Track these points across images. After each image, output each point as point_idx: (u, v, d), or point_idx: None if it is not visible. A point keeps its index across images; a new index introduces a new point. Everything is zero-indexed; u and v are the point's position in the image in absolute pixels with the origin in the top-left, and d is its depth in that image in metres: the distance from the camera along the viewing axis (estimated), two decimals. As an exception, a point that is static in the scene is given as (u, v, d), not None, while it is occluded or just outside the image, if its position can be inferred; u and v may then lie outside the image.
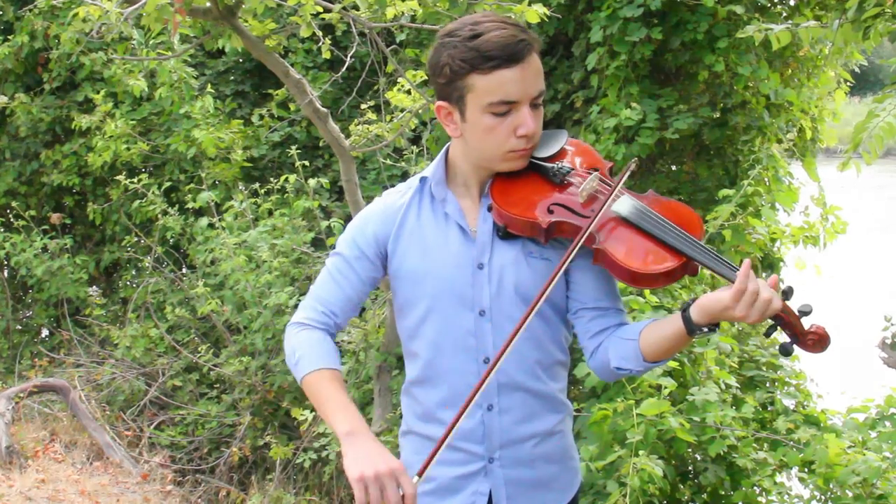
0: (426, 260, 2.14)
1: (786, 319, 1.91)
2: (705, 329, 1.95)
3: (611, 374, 2.13)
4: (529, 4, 4.18)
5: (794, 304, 1.93)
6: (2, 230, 7.54)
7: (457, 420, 1.95)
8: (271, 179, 6.83)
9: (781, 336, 1.98)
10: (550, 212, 2.06)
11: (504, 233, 2.11)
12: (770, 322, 1.95)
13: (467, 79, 1.99)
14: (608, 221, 2.04)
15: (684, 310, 1.96)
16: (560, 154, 2.16)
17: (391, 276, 2.20)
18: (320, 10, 4.51)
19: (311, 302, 2.20)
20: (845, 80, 6.56)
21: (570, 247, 2.01)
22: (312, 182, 6.30)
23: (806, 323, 1.93)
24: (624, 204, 2.05)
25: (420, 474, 1.92)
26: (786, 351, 1.94)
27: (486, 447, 2.17)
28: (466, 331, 2.12)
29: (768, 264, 5.28)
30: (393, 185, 2.28)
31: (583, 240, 2.01)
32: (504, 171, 2.12)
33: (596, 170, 2.14)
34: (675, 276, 2.01)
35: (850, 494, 3.39)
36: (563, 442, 2.26)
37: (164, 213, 6.88)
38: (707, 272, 4.14)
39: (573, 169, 2.13)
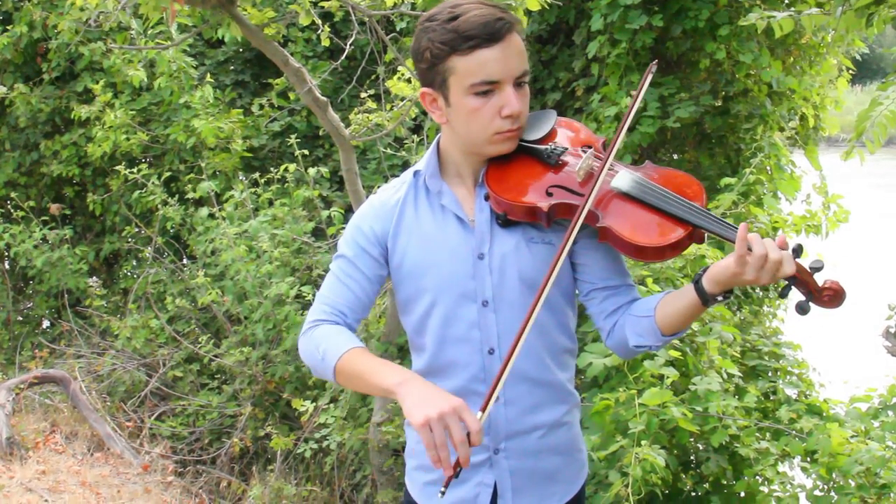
0: (426, 254, 2.12)
1: (799, 278, 1.88)
2: (720, 298, 1.94)
3: (630, 352, 2.12)
4: (530, -8, 4.16)
5: (805, 262, 1.90)
6: (1, 221, 7.53)
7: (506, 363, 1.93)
8: (271, 169, 6.82)
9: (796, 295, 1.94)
10: (549, 194, 2.04)
11: (504, 220, 2.08)
12: (784, 282, 1.92)
13: (448, 61, 1.98)
14: (610, 198, 2.02)
15: (696, 281, 1.94)
16: (551, 135, 2.14)
17: (393, 273, 2.19)
18: (319, -3, 4.49)
19: (319, 305, 2.16)
20: (847, 68, 6.53)
21: (570, 225, 1.99)
22: (312, 171, 6.28)
23: (819, 279, 1.90)
24: (623, 178, 2.03)
25: (483, 409, 1.89)
26: (802, 309, 1.90)
27: (492, 438, 2.15)
28: (470, 323, 2.11)
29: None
30: (394, 175, 2.27)
31: (581, 219, 1.99)
32: (496, 158, 2.09)
33: (589, 147, 2.11)
34: (682, 247, 1.99)
35: (853, 484, 3.38)
36: (570, 433, 2.24)
37: (165, 203, 6.87)
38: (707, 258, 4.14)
39: (567, 149, 2.10)
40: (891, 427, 3.61)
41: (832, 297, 1.89)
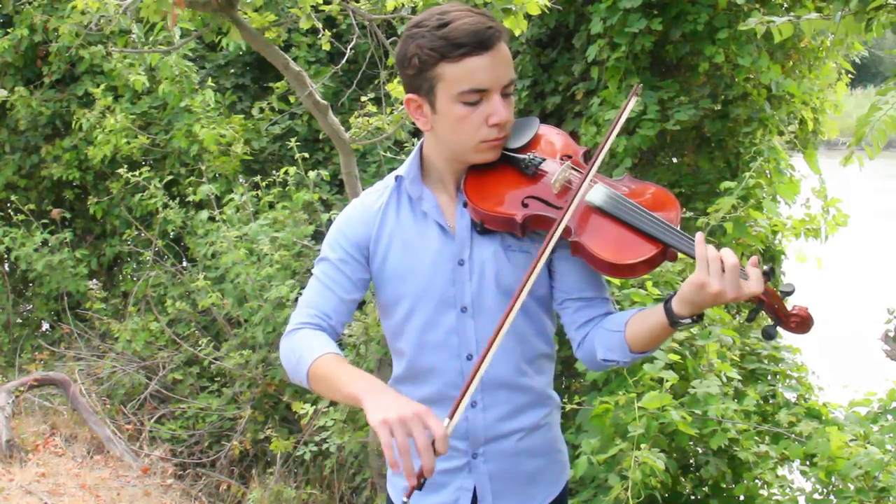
0: (407, 259, 2.12)
1: (767, 302, 1.87)
2: (687, 320, 1.91)
3: (598, 365, 2.11)
4: (530, -4, 4.16)
5: (776, 285, 1.90)
6: (2, 224, 7.53)
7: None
8: (272, 172, 6.82)
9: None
10: (525, 205, 2.04)
11: (482, 228, 2.08)
12: (753, 305, 1.91)
13: (437, 68, 1.97)
14: (583, 212, 2.01)
15: (667, 301, 1.93)
16: (533, 142, 2.13)
17: (374, 277, 2.18)
18: (320, 1, 4.49)
19: (303, 309, 2.15)
20: (847, 72, 6.53)
21: (545, 240, 1.98)
22: (313, 175, 6.29)
23: (789, 304, 1.89)
24: (598, 193, 2.02)
25: (451, 416, 1.83)
26: (769, 334, 1.89)
27: (470, 443, 2.16)
28: (449, 329, 2.11)
29: (770, 257, 5.27)
30: (384, 178, 2.26)
31: (558, 233, 1.98)
32: (477, 166, 2.09)
33: (569, 157, 2.11)
34: (654, 264, 1.97)
35: (852, 488, 3.38)
36: (548, 435, 2.24)
37: (165, 206, 6.88)
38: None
39: (545, 159, 2.09)
40: (890, 431, 3.61)
41: (799, 323, 1.88)
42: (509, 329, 2.06)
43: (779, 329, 1.91)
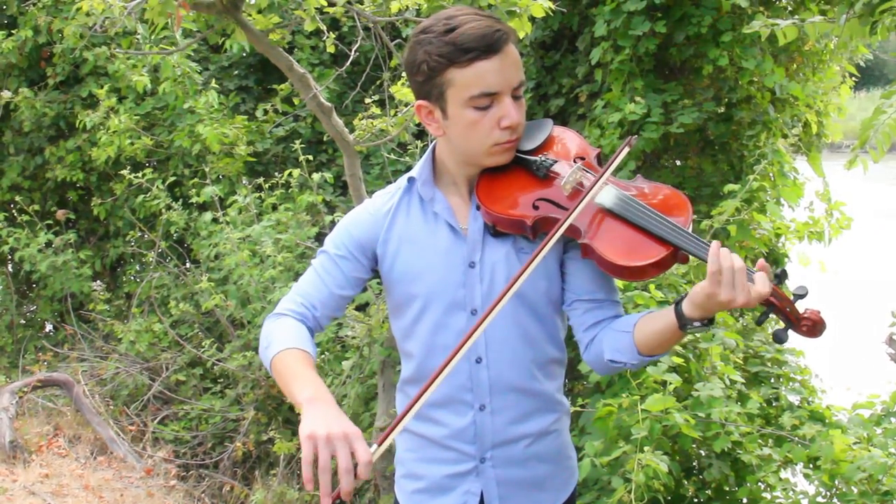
0: (417, 260, 2.12)
1: (778, 305, 1.86)
2: (697, 323, 1.89)
3: (605, 367, 2.09)
4: (534, -1, 4.16)
5: (788, 288, 1.89)
6: (6, 225, 7.55)
7: (425, 389, 1.87)
8: (275, 174, 6.83)
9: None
10: (536, 207, 2.03)
11: (495, 230, 2.08)
12: (762, 308, 1.89)
13: (446, 74, 1.96)
14: (593, 214, 2.00)
15: (677, 303, 1.92)
16: (546, 144, 2.13)
17: (383, 278, 2.18)
18: (324, 3, 4.49)
19: (292, 295, 2.16)
20: (851, 75, 6.53)
21: (547, 238, 1.97)
22: (316, 177, 6.29)
23: (800, 307, 1.87)
24: (608, 195, 2.00)
25: (380, 443, 1.81)
26: (779, 338, 1.87)
27: (478, 447, 2.15)
28: (459, 331, 2.09)
29: (773, 260, 5.26)
30: (397, 180, 2.26)
31: (560, 233, 1.97)
32: (490, 168, 2.08)
33: (582, 158, 2.10)
34: (664, 266, 1.96)
35: (856, 491, 3.38)
36: (557, 441, 2.23)
37: (168, 207, 6.88)
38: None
39: (556, 161, 2.09)
40: (893, 434, 3.61)
41: (811, 327, 1.87)
42: (520, 332, 2.06)
43: (790, 332, 1.89)
